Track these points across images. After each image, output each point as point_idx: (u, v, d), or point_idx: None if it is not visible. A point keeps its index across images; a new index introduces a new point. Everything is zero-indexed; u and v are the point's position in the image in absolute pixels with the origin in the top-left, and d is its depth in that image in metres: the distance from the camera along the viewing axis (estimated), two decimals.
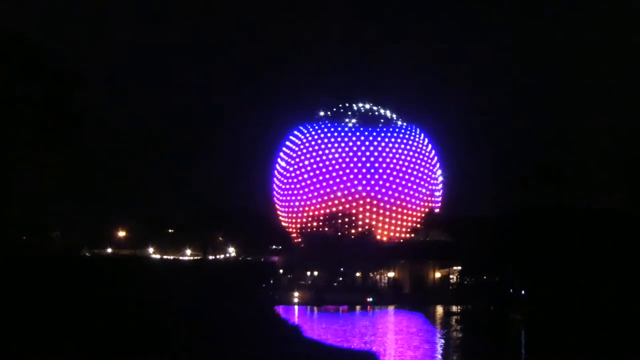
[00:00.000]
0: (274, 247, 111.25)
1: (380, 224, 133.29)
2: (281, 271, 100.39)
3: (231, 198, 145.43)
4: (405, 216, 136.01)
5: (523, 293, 61.06)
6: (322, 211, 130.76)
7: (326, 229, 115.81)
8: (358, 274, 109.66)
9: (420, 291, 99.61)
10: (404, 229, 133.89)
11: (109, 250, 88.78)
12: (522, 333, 49.98)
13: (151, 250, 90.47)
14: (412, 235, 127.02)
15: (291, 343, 34.78)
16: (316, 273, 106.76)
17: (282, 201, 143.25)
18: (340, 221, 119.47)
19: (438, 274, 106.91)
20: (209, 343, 30.10)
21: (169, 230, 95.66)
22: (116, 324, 29.31)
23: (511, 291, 62.66)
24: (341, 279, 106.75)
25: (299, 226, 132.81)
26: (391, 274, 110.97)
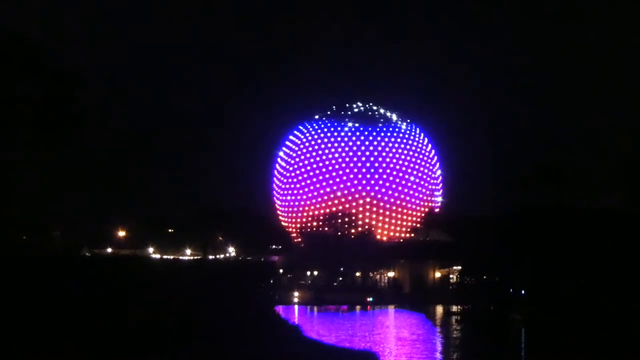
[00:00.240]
0: (274, 247, 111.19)
1: (380, 224, 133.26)
2: (281, 271, 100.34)
3: (231, 198, 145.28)
4: (405, 216, 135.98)
5: (523, 293, 61.05)
6: (322, 211, 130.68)
7: (326, 229, 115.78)
8: (358, 274, 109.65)
9: (420, 291, 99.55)
10: (404, 229, 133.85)
11: (109, 250, 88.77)
12: (522, 333, 49.97)
13: (151, 250, 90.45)
14: (412, 235, 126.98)
15: (291, 343, 34.80)
16: (316, 273, 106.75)
17: (282, 201, 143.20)
18: (340, 221, 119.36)
19: (438, 274, 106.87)
20: (209, 343, 30.12)
21: (169, 230, 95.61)
22: (116, 324, 29.32)
23: (511, 291, 62.64)
24: (341, 279, 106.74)
25: (299, 226, 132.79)
26: (391, 274, 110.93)
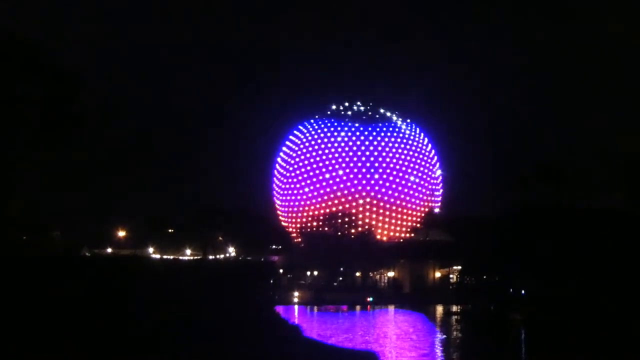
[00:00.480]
0: (274, 247, 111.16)
1: (380, 224, 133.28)
2: (281, 271, 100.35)
3: (231, 198, 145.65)
4: (405, 216, 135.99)
5: (523, 293, 61.05)
6: (322, 211, 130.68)
7: (326, 229, 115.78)
8: (358, 274, 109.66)
9: (420, 291, 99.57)
10: (404, 229, 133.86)
11: (109, 250, 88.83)
12: (522, 333, 49.97)
13: (151, 250, 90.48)
14: (412, 235, 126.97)
15: (291, 343, 34.77)
16: (316, 273, 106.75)
17: (282, 201, 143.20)
18: (340, 221, 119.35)
19: (438, 274, 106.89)
20: (209, 343, 30.10)
21: (169, 230, 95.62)
22: (116, 324, 29.30)
23: (511, 291, 62.65)
24: (341, 279, 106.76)
25: (299, 226, 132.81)
26: (391, 274, 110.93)
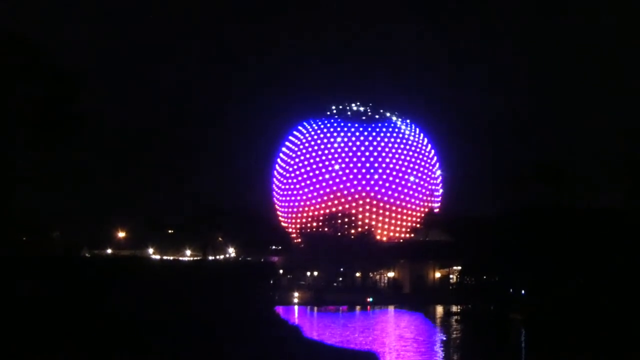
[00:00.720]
0: (274, 248, 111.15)
1: (380, 224, 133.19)
2: (281, 271, 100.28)
3: (231, 198, 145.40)
4: (405, 216, 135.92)
5: (523, 293, 61.05)
6: (322, 211, 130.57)
7: (326, 229, 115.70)
8: (358, 274, 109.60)
9: (420, 291, 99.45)
10: (404, 229, 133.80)
11: (109, 250, 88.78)
12: (522, 333, 49.97)
13: (151, 250, 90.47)
14: (412, 235, 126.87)
15: (291, 343, 34.77)
16: (316, 273, 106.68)
17: (282, 201, 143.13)
18: (340, 221, 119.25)
19: (438, 274, 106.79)
20: (209, 343, 30.12)
21: (169, 230, 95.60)
22: (116, 324, 29.31)
23: (511, 291, 62.64)
24: (341, 279, 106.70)
25: (299, 226, 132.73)
26: (391, 274, 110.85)
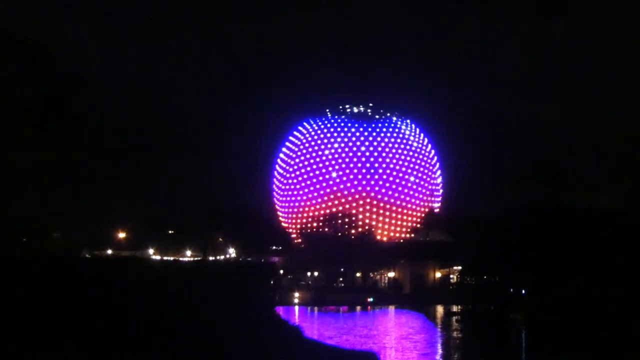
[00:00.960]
0: (274, 248, 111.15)
1: (380, 224, 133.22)
2: (281, 272, 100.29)
3: (231, 198, 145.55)
4: (405, 216, 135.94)
5: (523, 293, 61.04)
6: (322, 211, 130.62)
7: (326, 230, 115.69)
8: (358, 274, 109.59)
9: (420, 291, 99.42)
10: (404, 229, 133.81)
11: (109, 251, 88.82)
12: (522, 333, 49.96)
13: (151, 251, 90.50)
14: (412, 235, 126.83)
15: (292, 344, 34.75)
16: (316, 273, 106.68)
17: (282, 201, 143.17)
18: (340, 221, 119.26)
19: (438, 274, 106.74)
20: (209, 343, 30.08)
21: (169, 231, 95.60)
22: (116, 324, 29.28)
23: (511, 291, 62.64)
24: (341, 279, 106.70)
25: (299, 227, 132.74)
26: (391, 274, 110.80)
